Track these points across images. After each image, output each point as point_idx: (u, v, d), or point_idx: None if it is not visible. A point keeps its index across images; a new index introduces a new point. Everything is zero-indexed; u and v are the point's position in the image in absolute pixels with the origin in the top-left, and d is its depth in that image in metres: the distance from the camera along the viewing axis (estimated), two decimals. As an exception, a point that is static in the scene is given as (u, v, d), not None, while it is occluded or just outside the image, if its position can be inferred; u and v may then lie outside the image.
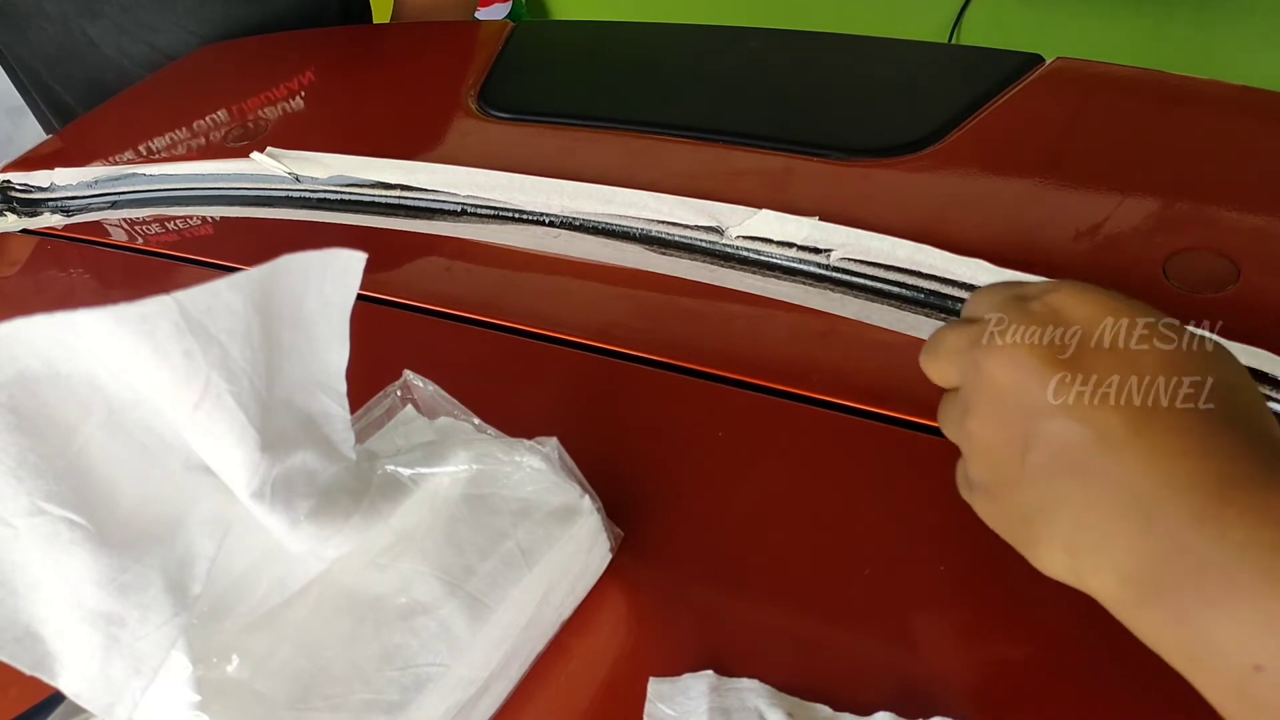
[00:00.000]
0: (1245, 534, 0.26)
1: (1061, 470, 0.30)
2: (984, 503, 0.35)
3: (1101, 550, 0.29)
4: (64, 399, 0.34)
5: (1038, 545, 0.32)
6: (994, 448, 0.33)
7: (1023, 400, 0.31)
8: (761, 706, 0.39)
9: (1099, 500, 0.29)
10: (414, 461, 0.43)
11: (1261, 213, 0.60)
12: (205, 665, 0.36)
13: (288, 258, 0.36)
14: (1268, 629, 0.26)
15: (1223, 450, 0.28)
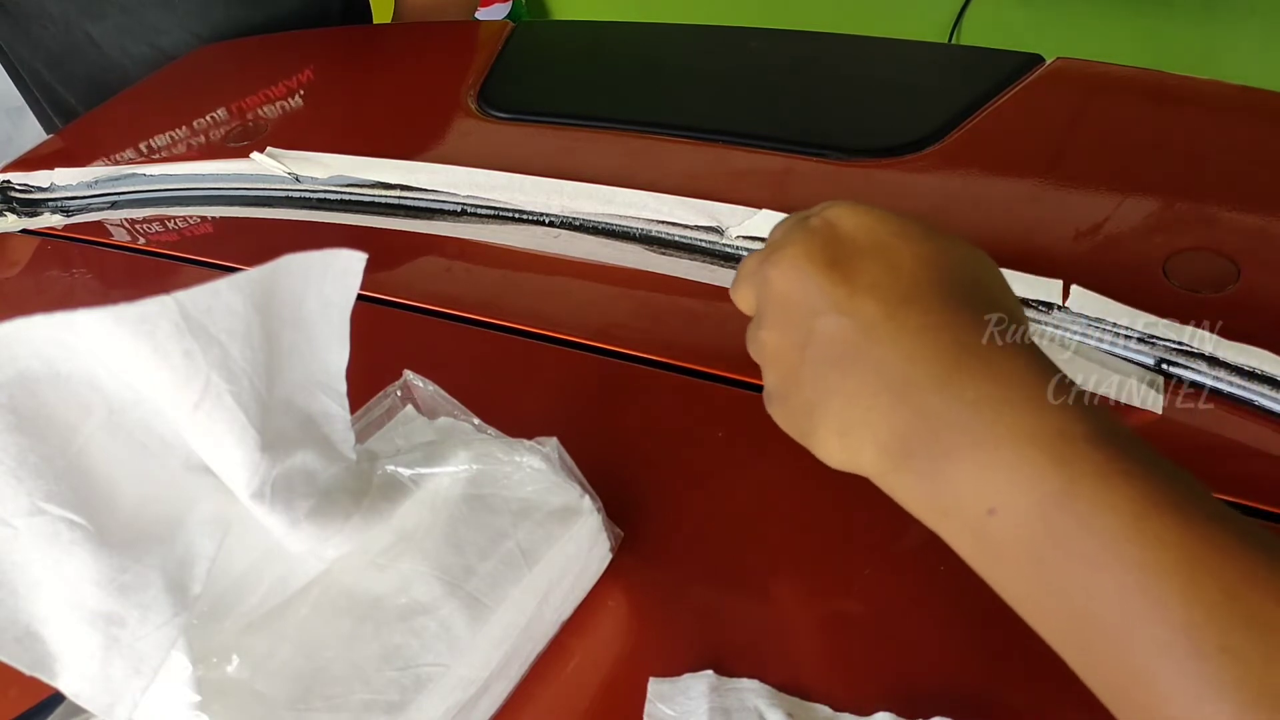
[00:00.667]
0: (977, 393, 0.29)
1: (832, 361, 0.33)
2: (778, 409, 0.37)
3: (864, 426, 0.32)
4: (64, 399, 0.34)
5: (816, 434, 0.34)
6: (781, 352, 0.35)
7: (801, 303, 0.34)
8: (761, 706, 0.39)
9: (861, 382, 0.32)
10: (414, 461, 0.43)
11: (1261, 213, 0.60)
12: (205, 665, 0.36)
13: (288, 258, 0.36)
14: (997, 476, 0.28)
15: (961, 324, 0.31)
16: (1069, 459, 0.28)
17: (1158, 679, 0.26)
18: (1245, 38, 1.68)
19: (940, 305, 0.32)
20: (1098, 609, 0.27)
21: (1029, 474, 0.28)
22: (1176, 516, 0.27)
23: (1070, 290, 0.54)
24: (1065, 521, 0.27)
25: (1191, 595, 0.25)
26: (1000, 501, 0.29)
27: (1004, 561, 0.29)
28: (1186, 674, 0.25)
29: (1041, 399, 0.29)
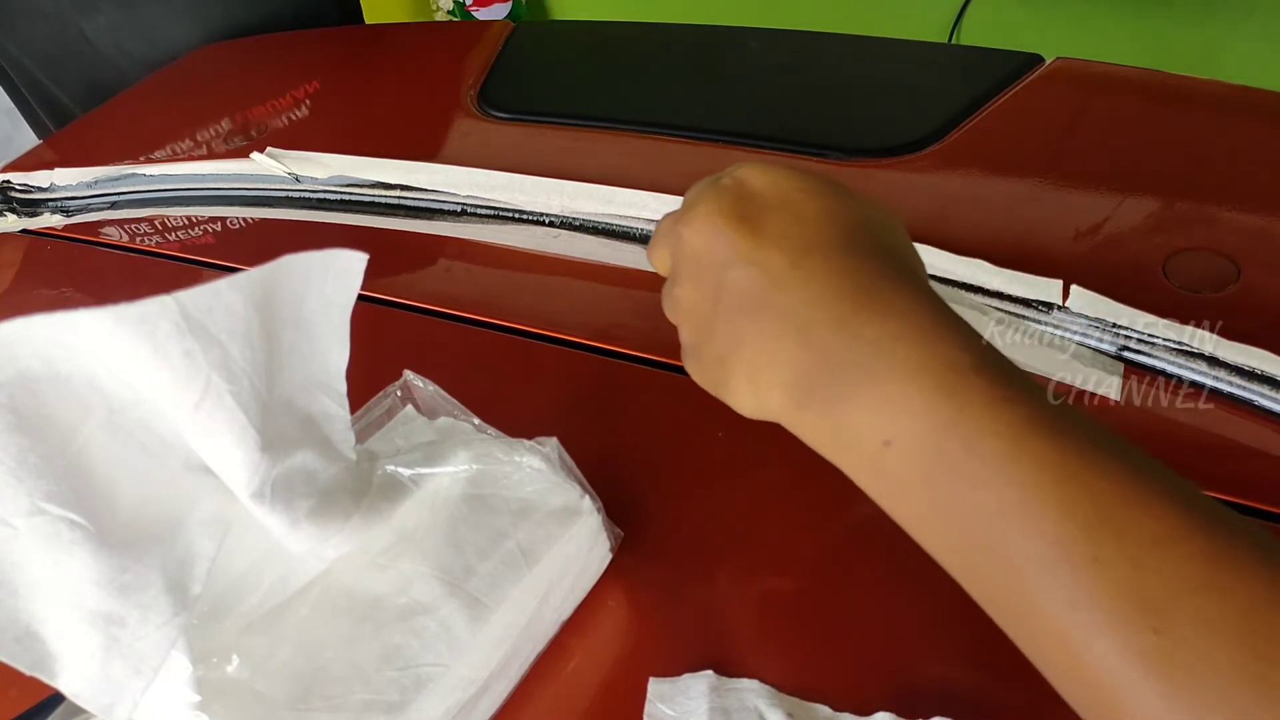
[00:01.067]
0: (874, 331, 0.31)
1: (742, 310, 0.34)
2: (693, 363, 0.38)
3: (771, 370, 0.34)
4: (64, 399, 0.34)
5: (729, 383, 0.36)
6: (695, 306, 0.36)
7: (713, 257, 0.35)
8: (761, 706, 0.39)
9: (769, 328, 0.33)
10: (414, 461, 0.43)
11: (1261, 213, 0.60)
12: (205, 665, 0.36)
13: (289, 258, 0.36)
14: (892, 409, 0.30)
15: (862, 269, 0.33)
16: (957, 389, 0.29)
17: (1035, 591, 0.28)
18: (1245, 38, 1.68)
19: (841, 253, 0.33)
20: (983, 528, 0.29)
21: (921, 405, 0.30)
22: (1054, 439, 0.28)
23: (1070, 290, 0.54)
24: (953, 447, 0.29)
25: (1066, 510, 0.27)
26: (895, 433, 0.30)
27: (900, 490, 0.31)
28: (1061, 584, 0.27)
29: (933, 335, 0.31)
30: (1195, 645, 0.25)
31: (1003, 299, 0.56)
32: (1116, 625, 0.26)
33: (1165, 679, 0.25)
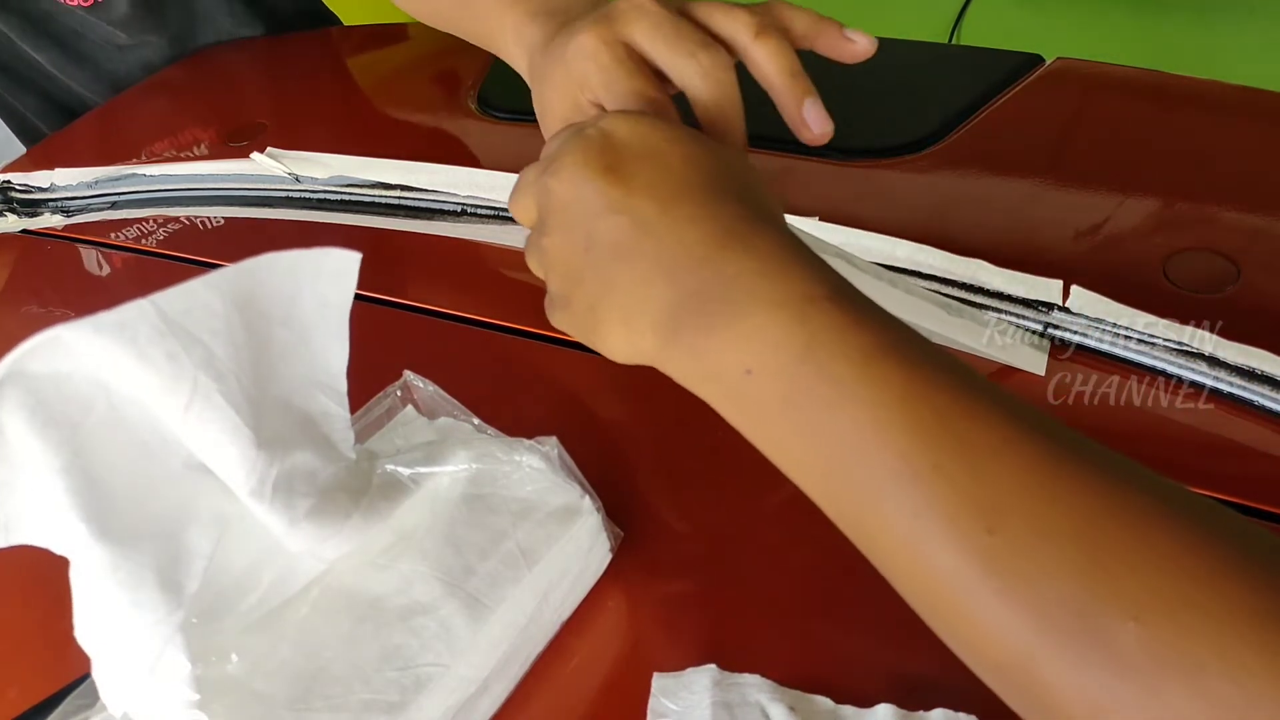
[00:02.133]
0: (735, 268, 0.33)
1: (613, 257, 0.35)
2: (561, 313, 0.39)
3: (642, 313, 0.35)
4: (65, 396, 0.34)
5: (600, 329, 0.37)
6: (564, 256, 0.37)
7: (582, 208, 0.36)
8: (764, 700, 0.39)
9: (640, 273, 0.35)
10: (414, 461, 0.43)
11: (1261, 213, 0.60)
12: (204, 664, 0.36)
13: (272, 256, 0.36)
14: (752, 339, 0.32)
15: (725, 212, 0.34)
16: (811, 317, 0.31)
17: (883, 502, 0.29)
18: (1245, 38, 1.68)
19: (705, 198, 0.35)
20: (837, 448, 0.30)
21: (778, 335, 0.31)
22: (901, 360, 0.30)
23: (1070, 290, 0.54)
24: (808, 372, 0.31)
25: (909, 424, 0.29)
26: (754, 362, 0.32)
27: (760, 416, 0.33)
28: (906, 495, 0.28)
29: (790, 270, 0.32)
30: (1027, 545, 0.27)
31: (1003, 299, 0.56)
32: (956, 529, 0.28)
33: (999, 577, 0.27)
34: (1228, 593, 0.25)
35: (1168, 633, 0.25)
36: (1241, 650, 0.24)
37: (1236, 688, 0.24)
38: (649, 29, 0.41)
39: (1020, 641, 0.27)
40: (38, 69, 1.01)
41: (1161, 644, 0.25)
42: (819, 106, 0.43)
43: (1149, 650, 0.25)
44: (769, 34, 0.43)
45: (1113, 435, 0.49)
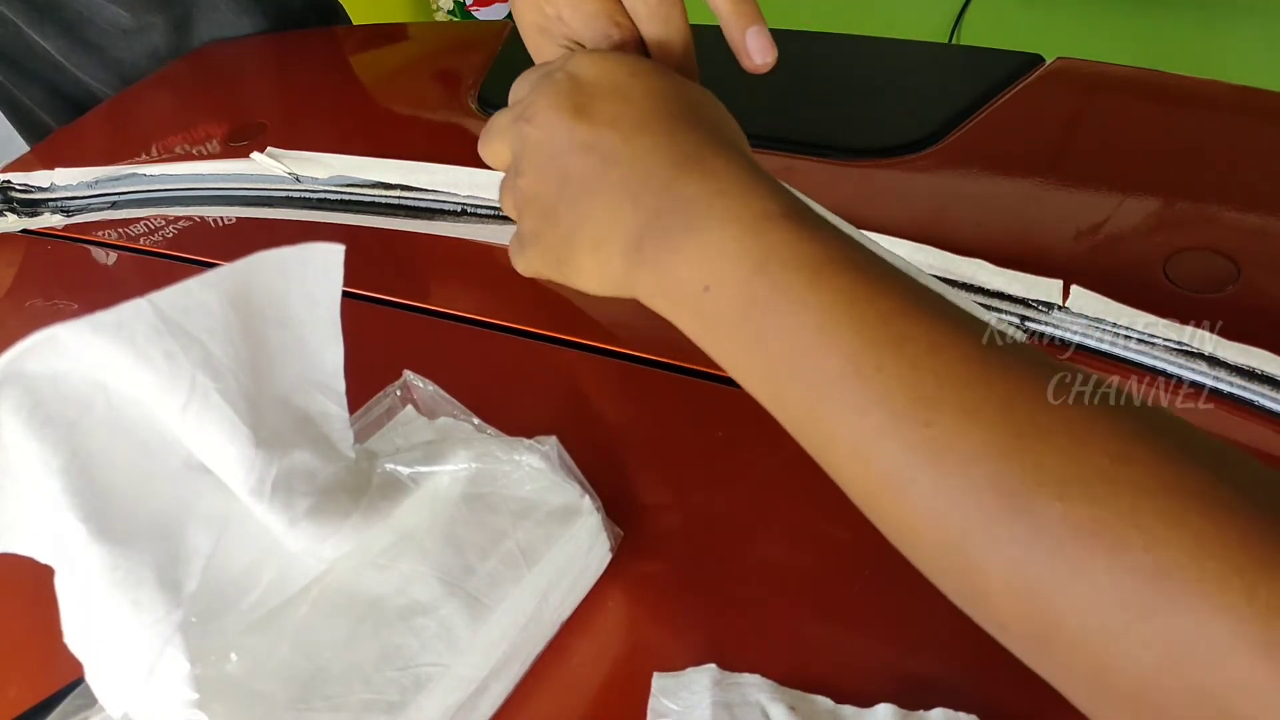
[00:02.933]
0: (695, 190, 0.34)
1: (584, 191, 0.37)
2: (534, 251, 0.40)
3: (610, 240, 0.36)
4: (63, 395, 0.34)
5: (573, 260, 0.38)
6: (538, 195, 0.39)
7: (554, 148, 0.38)
8: (764, 700, 0.39)
9: (608, 202, 0.36)
10: (413, 461, 0.43)
11: (1261, 212, 0.60)
12: (203, 663, 0.36)
13: (262, 255, 0.36)
14: (710, 255, 0.33)
15: (687, 139, 0.36)
16: (766, 232, 0.33)
17: (829, 402, 0.31)
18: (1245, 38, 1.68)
19: (668, 127, 0.36)
20: (789, 355, 0.32)
21: (735, 250, 0.33)
22: (849, 269, 0.31)
23: (1070, 290, 0.54)
24: (762, 283, 0.32)
25: (855, 328, 0.30)
26: (713, 277, 0.33)
27: (719, 330, 0.34)
28: (851, 392, 0.30)
29: (747, 189, 0.34)
30: (960, 432, 0.28)
31: (1003, 299, 0.56)
32: (896, 423, 0.29)
33: (936, 465, 0.28)
34: (1146, 465, 0.26)
35: (1090, 508, 0.26)
36: (1155, 523, 0.25)
37: (1154, 560, 0.25)
38: None
39: (954, 526, 0.28)
40: (45, 58, 1.01)
41: (1084, 519, 0.26)
42: (763, 34, 0.44)
43: (1073, 526, 0.26)
44: None
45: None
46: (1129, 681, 0.26)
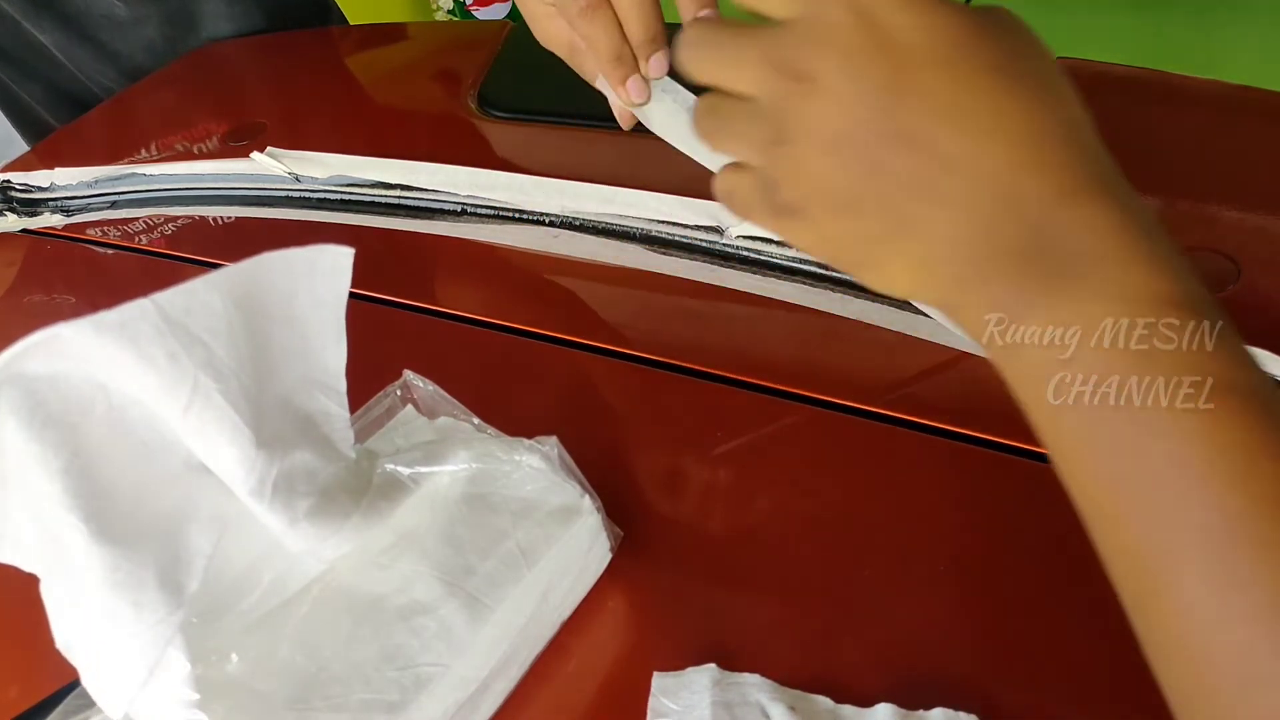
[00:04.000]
0: (1075, 245, 0.29)
1: (909, 196, 0.30)
2: (811, 237, 0.34)
3: (948, 261, 0.31)
4: (64, 396, 0.34)
5: (882, 265, 0.33)
6: (828, 179, 0.32)
7: (859, 131, 0.30)
8: (763, 700, 0.39)
9: (948, 219, 0.30)
10: (414, 461, 0.43)
11: (1262, 212, 0.60)
12: (204, 663, 0.36)
13: (270, 255, 0.36)
14: (1079, 328, 0.28)
15: (1051, 161, 0.30)
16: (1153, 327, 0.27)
17: (1185, 563, 0.25)
18: (1245, 37, 1.68)
19: (1025, 131, 0.30)
20: (1144, 475, 0.27)
21: (1113, 335, 0.27)
22: (1246, 403, 0.26)
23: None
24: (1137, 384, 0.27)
25: (1242, 483, 0.25)
26: (1076, 354, 0.28)
27: (1062, 409, 0.29)
28: (1215, 560, 0.25)
29: (1136, 256, 0.28)
30: None
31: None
32: (1273, 615, 0.24)
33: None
34: None
35: None
36: None
37: None
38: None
39: None
40: (43, 54, 1.01)
41: None
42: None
43: None
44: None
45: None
46: None
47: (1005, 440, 0.49)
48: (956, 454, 0.50)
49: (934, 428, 0.51)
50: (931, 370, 0.55)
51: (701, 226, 0.65)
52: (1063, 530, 0.46)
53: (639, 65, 0.46)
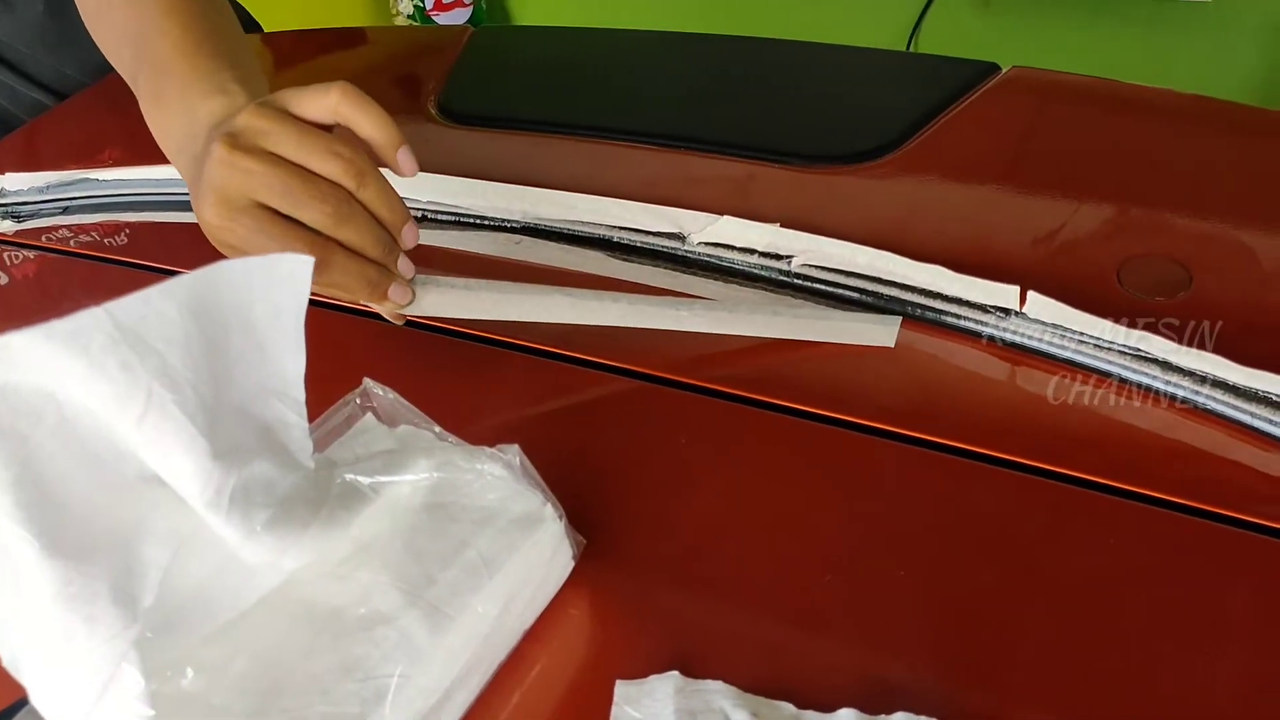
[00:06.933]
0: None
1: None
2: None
3: None
4: (14, 407, 0.33)
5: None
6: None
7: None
8: (726, 707, 0.39)
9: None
10: (374, 470, 0.42)
11: (1213, 219, 0.61)
12: (159, 679, 0.36)
13: (226, 263, 0.36)
14: None
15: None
16: None
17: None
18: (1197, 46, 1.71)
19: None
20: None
21: None
22: None
23: (1027, 296, 0.55)
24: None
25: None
26: None
27: None
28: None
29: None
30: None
31: (961, 304, 0.57)
32: None
33: None
34: None
35: None
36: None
37: None
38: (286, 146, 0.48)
39: None
40: None
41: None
42: (409, 152, 0.52)
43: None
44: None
45: (1068, 439, 0.50)
46: None
47: (970, 447, 0.50)
48: (920, 461, 0.50)
49: (897, 434, 0.51)
50: (895, 377, 0.55)
51: (663, 233, 0.65)
52: (1025, 537, 0.46)
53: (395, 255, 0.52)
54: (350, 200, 0.48)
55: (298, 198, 0.47)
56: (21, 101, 1.00)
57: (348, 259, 0.49)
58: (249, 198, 0.47)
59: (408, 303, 0.53)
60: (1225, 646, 0.41)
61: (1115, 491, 0.47)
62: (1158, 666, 0.41)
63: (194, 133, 0.53)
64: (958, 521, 0.47)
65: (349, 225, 0.48)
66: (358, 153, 0.49)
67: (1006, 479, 0.49)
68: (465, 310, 0.55)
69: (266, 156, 0.47)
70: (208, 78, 0.54)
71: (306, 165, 0.48)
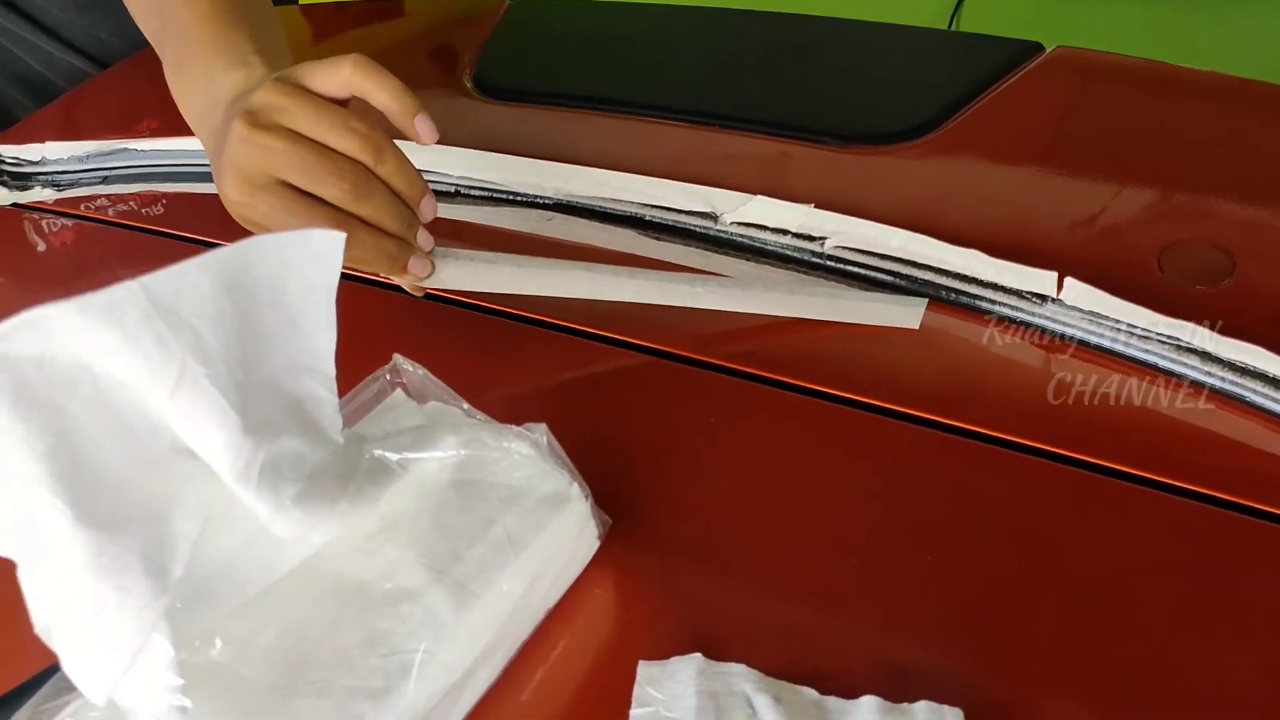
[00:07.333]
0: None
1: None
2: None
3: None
4: (49, 378, 0.33)
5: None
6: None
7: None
8: (748, 690, 0.39)
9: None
10: (402, 446, 0.42)
11: (1258, 206, 0.60)
12: (188, 649, 0.36)
13: (261, 238, 0.36)
14: None
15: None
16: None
17: None
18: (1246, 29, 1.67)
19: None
20: None
21: None
22: None
23: (1064, 283, 0.54)
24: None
25: None
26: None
27: None
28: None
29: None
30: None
31: (996, 289, 0.56)
32: None
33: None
34: None
35: None
36: None
37: None
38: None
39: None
40: None
41: None
42: (426, 119, 0.52)
43: None
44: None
45: (1102, 428, 0.49)
46: None
47: (996, 433, 0.49)
48: (947, 446, 0.50)
49: (925, 419, 0.51)
50: (925, 361, 0.55)
51: (695, 212, 0.65)
52: (1052, 525, 0.46)
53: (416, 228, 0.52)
54: (369, 175, 0.49)
55: (317, 174, 0.48)
56: (58, 67, 1.01)
57: (367, 233, 0.50)
58: (269, 175, 0.48)
59: (427, 275, 0.54)
60: (1255, 640, 0.40)
61: (1147, 483, 0.46)
62: (1184, 658, 0.40)
63: (215, 103, 0.53)
64: (984, 508, 0.47)
65: (368, 200, 0.49)
66: (374, 128, 0.49)
67: (1037, 467, 0.48)
68: (483, 283, 0.55)
69: (285, 134, 0.47)
70: (230, 49, 0.55)
71: (324, 141, 0.48)
